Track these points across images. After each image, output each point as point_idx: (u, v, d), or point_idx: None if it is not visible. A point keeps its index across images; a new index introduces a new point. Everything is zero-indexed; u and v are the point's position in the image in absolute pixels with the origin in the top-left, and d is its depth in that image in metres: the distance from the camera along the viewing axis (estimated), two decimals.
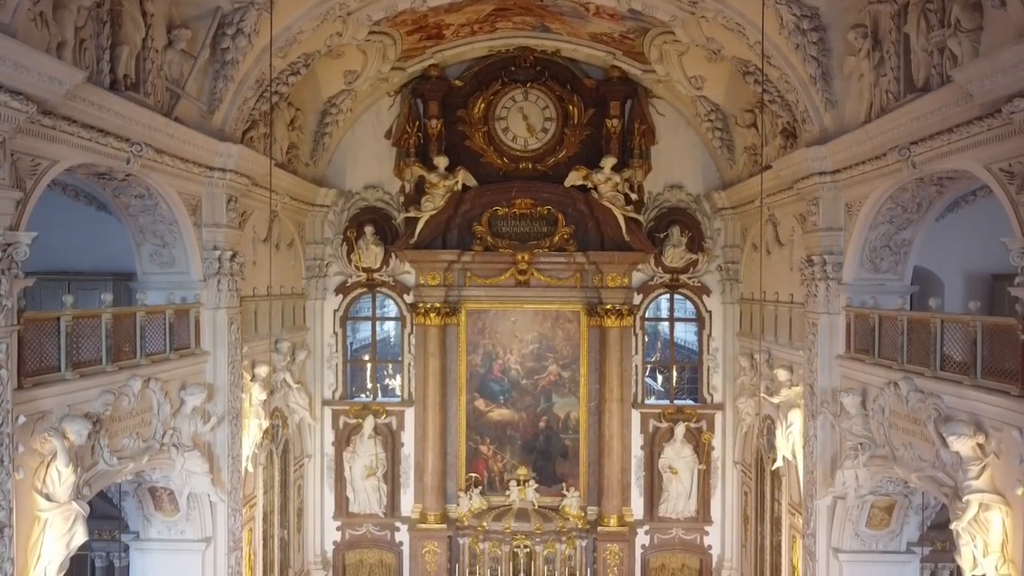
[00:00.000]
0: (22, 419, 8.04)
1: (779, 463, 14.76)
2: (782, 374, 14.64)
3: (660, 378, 19.74)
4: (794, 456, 14.20)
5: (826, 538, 12.65)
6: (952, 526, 8.76)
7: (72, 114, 8.78)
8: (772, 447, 15.35)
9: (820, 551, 12.79)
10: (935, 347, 9.73)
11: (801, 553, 13.67)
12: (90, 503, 9.18)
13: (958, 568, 14.03)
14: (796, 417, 14.14)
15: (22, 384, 8.24)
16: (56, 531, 8.62)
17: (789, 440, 14.35)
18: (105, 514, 13.36)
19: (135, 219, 12.01)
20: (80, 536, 8.82)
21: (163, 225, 12.14)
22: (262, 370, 14.79)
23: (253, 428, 14.44)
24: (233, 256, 13.20)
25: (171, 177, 11.56)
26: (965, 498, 8.47)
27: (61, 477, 8.61)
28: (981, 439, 8.54)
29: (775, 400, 14.77)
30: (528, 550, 17.96)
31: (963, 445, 8.55)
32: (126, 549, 13.61)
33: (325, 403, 19.01)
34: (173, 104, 11.43)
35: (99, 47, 9.56)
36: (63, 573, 8.79)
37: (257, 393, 14.62)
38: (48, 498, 8.57)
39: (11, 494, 7.74)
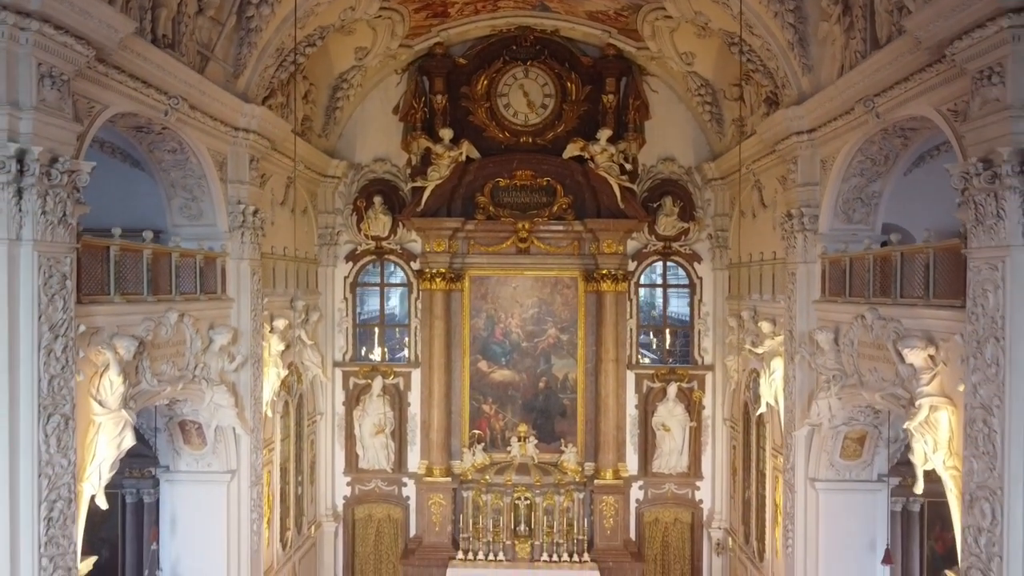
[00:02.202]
0: (82, 327, 9.10)
1: (762, 409, 15.82)
2: (766, 326, 15.66)
3: (654, 341, 20.72)
4: (776, 401, 15.22)
5: (803, 469, 13.69)
6: (905, 426, 9.82)
7: (122, 63, 9.84)
8: (757, 398, 16.38)
9: (798, 482, 13.83)
10: (895, 278, 10.79)
11: (782, 489, 14.71)
12: None
13: (928, 503, 15.15)
14: (778, 365, 15.18)
15: (80, 299, 9.29)
16: (108, 434, 9.67)
17: (772, 387, 15.39)
18: (137, 452, 14.34)
19: (167, 174, 13.04)
20: (129, 440, 9.87)
21: (192, 179, 13.16)
22: (280, 323, 15.83)
23: (272, 376, 15.47)
24: (255, 212, 14.23)
25: (201, 133, 12.60)
26: (918, 402, 9.52)
27: (113, 386, 9.66)
28: (932, 351, 9.59)
29: (759, 351, 15.80)
30: (528, 502, 18.92)
31: (916, 357, 9.60)
32: (155, 485, 14.64)
33: (336, 365, 20.05)
34: (203, 66, 12.48)
35: (142, 7, 10.58)
36: (114, 472, 9.84)
37: (275, 344, 15.66)
38: (101, 404, 9.62)
39: (74, 392, 8.79)
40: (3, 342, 7.96)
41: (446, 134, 19.02)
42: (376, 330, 20.48)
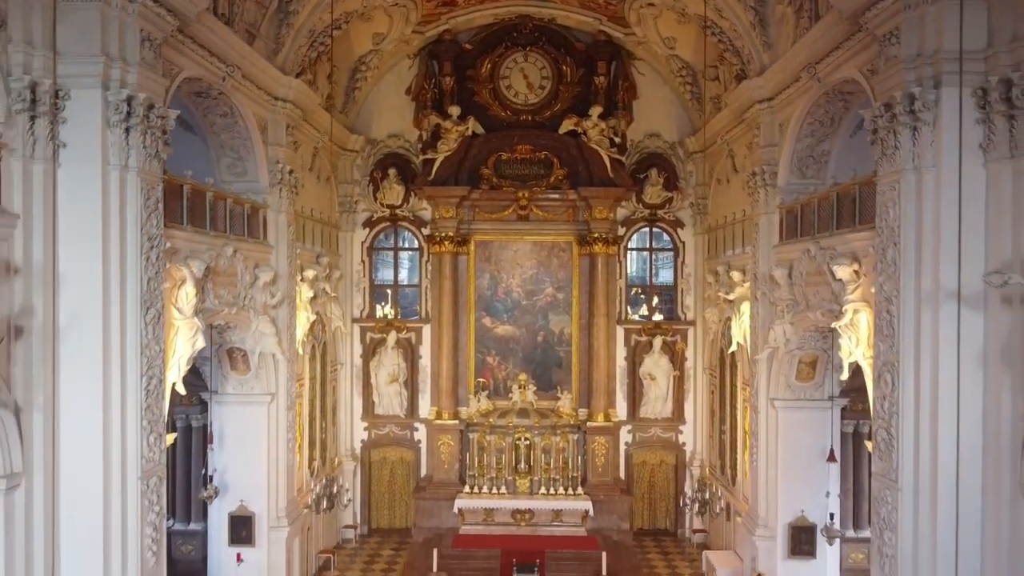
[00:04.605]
0: (168, 244, 11.29)
1: (733, 348, 17.99)
2: (736, 275, 17.85)
3: (641, 299, 22.83)
4: (745, 339, 17.39)
5: (765, 391, 15.86)
6: (833, 325, 12.03)
7: (195, 34, 12.04)
8: (731, 341, 18.53)
9: (761, 403, 16.00)
10: (833, 214, 12.97)
11: (749, 413, 16.88)
12: None
13: None
14: (746, 308, 17.36)
15: (164, 223, 11.46)
16: (184, 336, 11.83)
17: (741, 327, 17.56)
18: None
19: (218, 136, 15.22)
20: (200, 342, 12.05)
21: (239, 141, 15.33)
22: (309, 273, 17.99)
23: (303, 319, 17.65)
24: (291, 171, 16.43)
25: (248, 100, 14.79)
26: (844, 308, 11.71)
27: (188, 297, 11.83)
28: (856, 266, 11.77)
29: (731, 297, 17.99)
30: (528, 442, 21.07)
31: (844, 272, 11.78)
32: (203, 411, 16.80)
33: (354, 320, 22.25)
34: (251, 42, 14.66)
35: None
36: (189, 367, 12.03)
37: (305, 291, 17.83)
38: (179, 311, 11.78)
39: (163, 294, 10.98)
40: (117, 246, 10.14)
41: (454, 111, 21.25)
42: (390, 290, 22.68)
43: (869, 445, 11.55)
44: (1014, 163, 9.27)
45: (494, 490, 20.83)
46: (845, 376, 12.25)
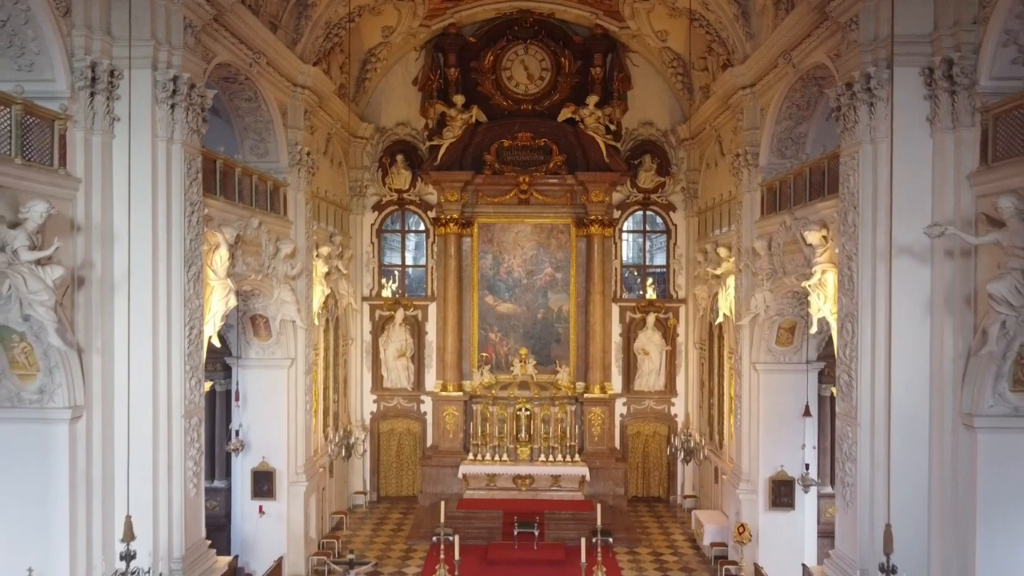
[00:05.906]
0: (206, 210, 12.56)
1: (719, 319, 19.27)
2: (723, 251, 19.10)
3: (636, 278, 24.12)
4: (730, 310, 18.66)
5: (747, 355, 17.12)
6: (803, 284, 13.31)
7: (227, 23, 13.31)
8: (718, 313, 19.80)
9: (744, 367, 17.28)
10: (806, 187, 14.24)
11: (734, 379, 18.15)
12: None
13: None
14: (731, 281, 18.63)
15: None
16: (218, 295, 13.10)
17: (727, 299, 18.83)
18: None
19: (241, 119, 16.49)
20: (233, 301, 13.32)
21: (261, 124, 16.61)
22: (324, 250, 19.28)
23: (317, 292, 18.92)
24: (308, 153, 17.71)
25: (271, 85, 16.06)
26: (813, 268, 12.99)
27: (221, 260, 13.10)
28: (825, 232, 13.04)
29: (718, 272, 19.25)
30: (528, 412, 22.34)
31: (814, 237, 13.05)
32: (226, 376, 18.05)
33: (364, 299, 23.54)
34: (273, 32, 15.92)
35: None
36: (223, 323, 13.30)
37: (321, 267, 19.11)
38: (214, 272, 13.06)
39: (202, 255, 12.25)
40: (164, 209, 11.44)
41: (459, 99, 22.55)
42: (397, 270, 23.98)
43: (835, 390, 12.80)
44: (955, 133, 10.55)
45: (496, 457, 22.07)
46: (814, 331, 13.53)
